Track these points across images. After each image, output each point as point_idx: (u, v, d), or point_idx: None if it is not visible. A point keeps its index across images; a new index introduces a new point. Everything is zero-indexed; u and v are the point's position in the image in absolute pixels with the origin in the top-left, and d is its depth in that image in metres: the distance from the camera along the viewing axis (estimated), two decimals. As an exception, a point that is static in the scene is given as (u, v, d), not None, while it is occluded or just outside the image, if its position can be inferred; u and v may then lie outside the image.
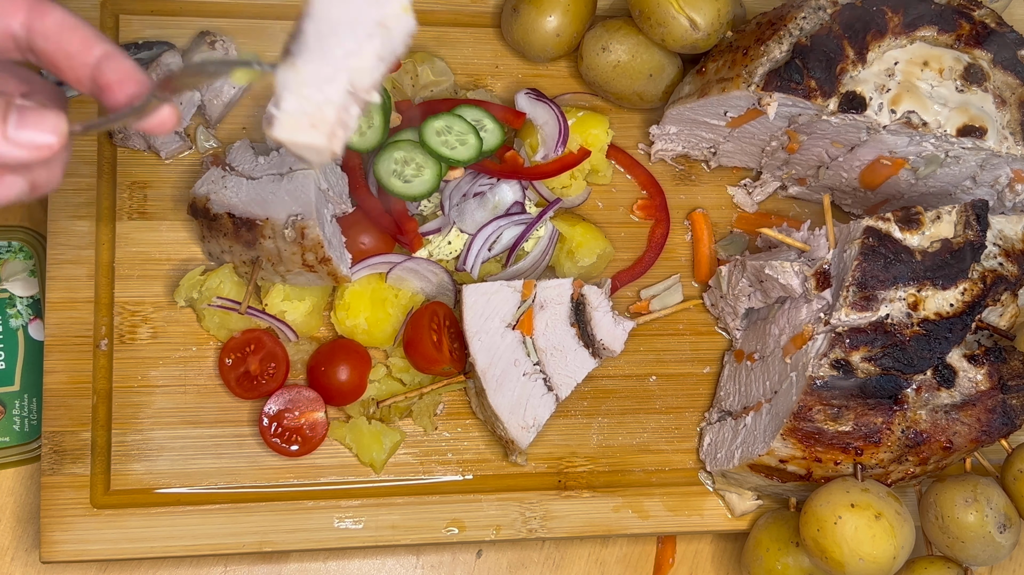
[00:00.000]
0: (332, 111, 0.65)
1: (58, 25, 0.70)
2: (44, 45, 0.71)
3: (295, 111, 0.65)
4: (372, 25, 0.66)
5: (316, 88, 0.65)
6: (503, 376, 0.99)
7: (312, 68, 0.65)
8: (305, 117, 0.65)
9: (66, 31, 0.71)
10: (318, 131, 0.66)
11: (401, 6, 0.67)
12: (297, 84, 0.64)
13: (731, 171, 1.17)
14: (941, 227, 0.97)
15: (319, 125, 0.65)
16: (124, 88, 0.70)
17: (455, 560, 1.06)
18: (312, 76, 0.65)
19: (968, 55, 1.00)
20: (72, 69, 0.71)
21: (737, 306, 1.08)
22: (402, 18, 0.67)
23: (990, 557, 0.98)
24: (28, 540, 1.00)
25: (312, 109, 0.65)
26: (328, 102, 0.65)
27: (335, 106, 0.65)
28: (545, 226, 1.07)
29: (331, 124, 0.66)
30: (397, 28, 0.66)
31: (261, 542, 0.98)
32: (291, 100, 0.65)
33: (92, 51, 0.70)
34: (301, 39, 0.65)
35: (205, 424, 1.00)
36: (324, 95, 0.65)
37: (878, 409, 0.95)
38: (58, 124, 0.66)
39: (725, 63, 1.03)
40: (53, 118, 0.66)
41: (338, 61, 0.65)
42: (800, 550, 0.98)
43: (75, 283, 1.00)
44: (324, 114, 0.65)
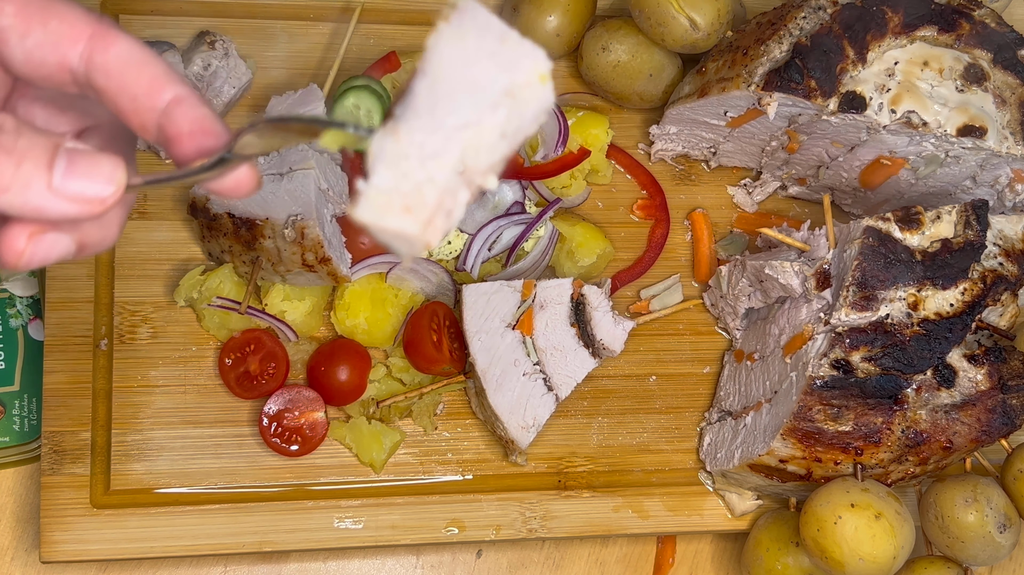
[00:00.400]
0: (434, 193, 0.54)
1: (123, 60, 0.59)
2: (105, 83, 0.59)
3: (388, 189, 0.53)
4: (498, 93, 0.54)
5: (419, 163, 0.54)
6: (503, 376, 0.99)
7: (417, 138, 0.54)
8: (399, 197, 0.54)
9: (132, 67, 0.59)
10: (412, 217, 0.54)
11: (538, 74, 0.55)
12: (395, 155, 0.53)
13: (731, 171, 1.17)
14: (941, 227, 0.96)
15: (415, 209, 0.54)
16: (196, 141, 0.59)
17: (455, 560, 1.05)
18: (416, 148, 0.54)
19: (968, 55, 1.00)
20: (137, 114, 0.59)
21: (737, 306, 1.08)
22: (537, 89, 0.55)
23: (990, 557, 0.98)
24: (28, 540, 1.00)
25: (409, 188, 0.54)
26: (431, 181, 0.54)
27: (438, 188, 0.54)
28: (545, 226, 1.07)
29: (430, 210, 0.54)
30: (529, 100, 0.55)
31: (261, 542, 0.98)
32: (385, 175, 0.53)
33: (161, 94, 0.59)
34: (409, 101, 0.54)
35: (205, 424, 1.00)
36: (427, 172, 0.54)
37: (878, 409, 0.95)
38: (114, 173, 0.56)
39: (725, 63, 1.03)
40: (109, 166, 0.56)
41: (450, 133, 0.54)
42: (800, 550, 0.98)
43: (75, 283, 1.00)
44: (423, 196, 0.54)
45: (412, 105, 0.54)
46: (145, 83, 0.59)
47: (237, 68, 1.04)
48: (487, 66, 0.55)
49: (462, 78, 0.55)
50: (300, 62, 1.09)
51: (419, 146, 0.54)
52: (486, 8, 0.57)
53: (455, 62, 0.55)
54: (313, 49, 1.10)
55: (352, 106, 1.03)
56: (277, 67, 1.09)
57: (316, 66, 1.09)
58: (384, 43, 1.11)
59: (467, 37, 0.55)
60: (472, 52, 0.55)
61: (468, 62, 0.55)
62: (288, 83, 1.08)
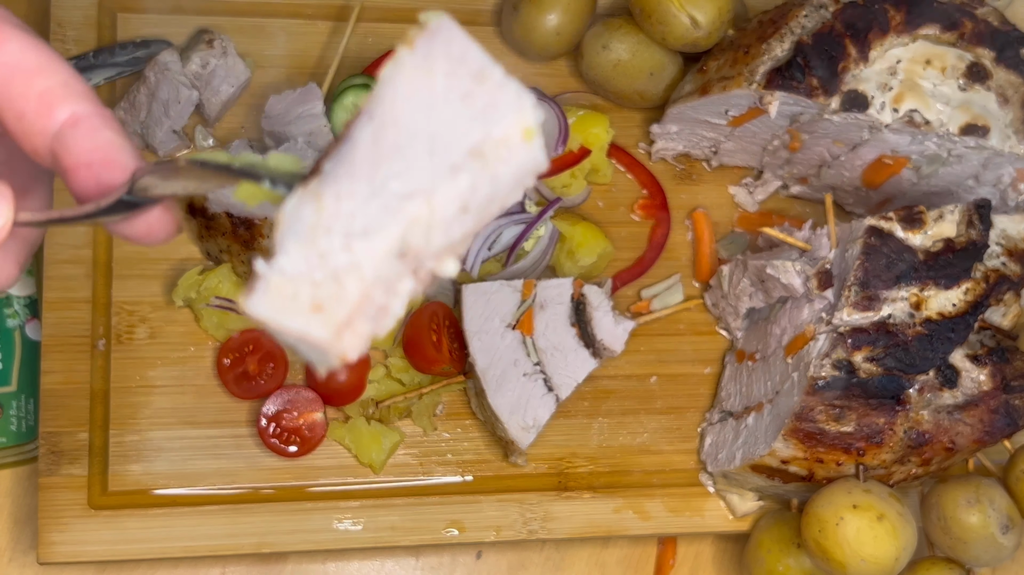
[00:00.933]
0: (357, 286, 0.40)
1: (9, 67, 0.47)
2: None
3: (295, 275, 0.40)
4: (463, 152, 0.41)
5: (342, 242, 0.40)
6: (503, 376, 0.99)
7: (345, 207, 0.40)
8: (308, 288, 0.40)
9: (19, 77, 0.46)
10: (321, 318, 0.40)
11: (522, 128, 0.42)
12: (313, 229, 0.40)
13: (732, 170, 1.17)
14: (944, 226, 0.96)
15: (327, 307, 0.40)
16: (95, 175, 0.46)
17: (455, 561, 1.05)
18: (342, 220, 0.40)
19: (971, 53, 0.99)
20: (26, 137, 0.47)
21: (738, 306, 1.07)
22: (519, 149, 0.42)
23: (993, 558, 0.98)
24: (25, 541, 1.00)
25: (324, 277, 0.40)
26: (355, 269, 0.40)
27: (364, 279, 0.40)
28: (545, 225, 1.06)
29: (349, 308, 0.40)
30: (507, 162, 0.41)
31: (259, 543, 0.97)
32: (294, 255, 0.40)
33: (54, 112, 0.46)
34: (345, 153, 0.40)
35: (203, 425, 1.00)
36: (352, 256, 0.40)
37: (880, 409, 0.95)
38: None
39: (726, 61, 1.03)
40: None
41: (391, 202, 0.40)
42: (801, 551, 0.98)
43: (72, 283, 0.99)
44: (341, 290, 0.40)
45: (347, 159, 0.40)
46: (34, 98, 0.47)
47: (236, 67, 1.04)
48: (455, 113, 0.42)
49: (419, 127, 0.41)
50: (299, 61, 1.09)
51: (347, 218, 0.40)
52: (464, 33, 0.44)
53: (413, 104, 0.41)
54: (312, 48, 1.10)
55: (351, 105, 1.03)
56: (276, 66, 1.08)
57: (315, 65, 1.09)
58: (384, 42, 1.11)
59: (434, 71, 0.42)
60: (438, 92, 0.42)
61: (431, 105, 0.41)
62: (287, 82, 1.07)
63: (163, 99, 1.00)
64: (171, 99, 1.00)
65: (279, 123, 1.01)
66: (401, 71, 0.42)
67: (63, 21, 1.04)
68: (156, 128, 1.01)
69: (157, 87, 1.00)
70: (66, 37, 1.04)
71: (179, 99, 1.01)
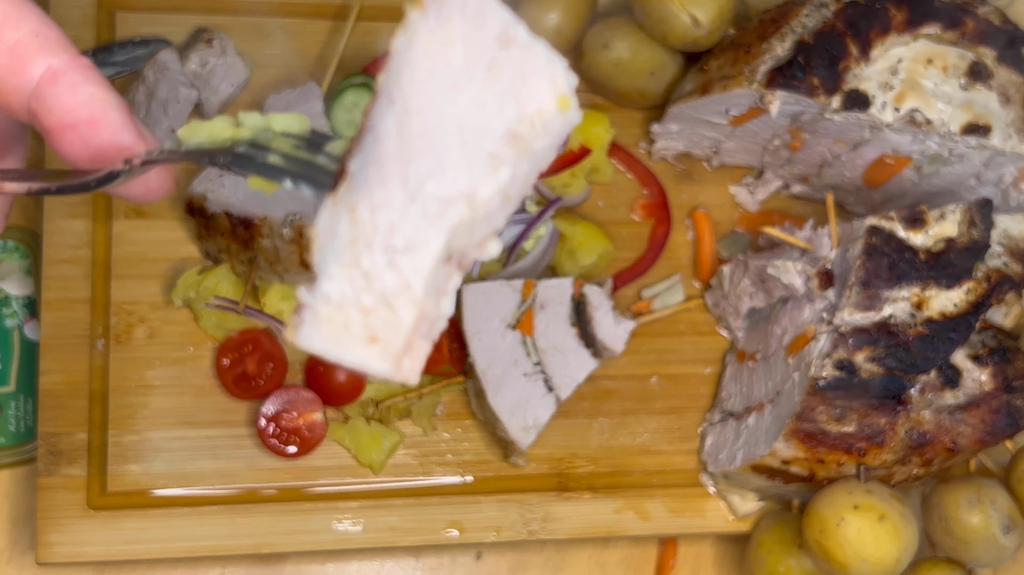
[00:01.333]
0: (411, 309, 0.36)
1: None
2: None
3: (342, 301, 0.37)
4: (501, 137, 0.37)
5: (386, 259, 0.36)
6: (503, 377, 0.99)
7: (383, 218, 0.36)
8: (359, 316, 0.37)
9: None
10: (379, 348, 0.37)
11: (557, 97, 0.38)
12: (351, 245, 0.36)
13: (733, 170, 1.17)
14: (945, 226, 0.96)
15: (383, 336, 0.37)
16: (81, 136, 0.43)
17: (455, 562, 1.05)
18: (381, 234, 0.37)
19: (972, 52, 0.99)
20: (1, 96, 0.43)
21: (739, 306, 1.07)
22: (556, 118, 0.38)
23: (994, 559, 0.97)
24: (24, 542, 1.00)
25: (373, 302, 0.37)
26: (406, 290, 0.37)
27: (417, 299, 0.37)
28: (545, 225, 1.06)
29: (405, 334, 0.37)
30: (545, 134, 0.38)
31: (259, 544, 0.97)
32: (338, 279, 0.37)
33: (29, 66, 0.43)
34: (370, 149, 0.37)
35: (202, 425, 0.99)
36: (399, 276, 0.37)
37: (882, 410, 0.95)
38: None
39: (727, 60, 1.02)
40: None
41: (432, 208, 0.37)
42: (803, 552, 0.97)
43: (71, 283, 0.99)
44: (395, 315, 0.37)
45: (374, 157, 0.37)
46: (4, 53, 0.43)
47: (235, 66, 1.03)
48: (482, 89, 0.37)
49: (445, 112, 0.37)
50: (298, 59, 1.09)
51: (386, 231, 0.37)
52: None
53: (435, 84, 0.37)
54: (311, 46, 1.09)
55: (351, 104, 1.03)
56: (275, 65, 1.08)
57: (314, 64, 1.09)
58: (383, 40, 1.11)
59: (452, 37, 0.37)
60: (460, 64, 0.37)
61: (455, 84, 0.37)
62: (286, 80, 1.07)
63: (162, 98, 1.00)
64: (170, 98, 1.00)
65: (278, 122, 1.00)
66: (415, 40, 0.37)
67: (62, 19, 1.04)
68: (155, 127, 1.01)
69: (156, 86, 1.00)
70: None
71: (178, 98, 1.01)
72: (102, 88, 0.44)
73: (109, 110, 0.44)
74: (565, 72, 0.39)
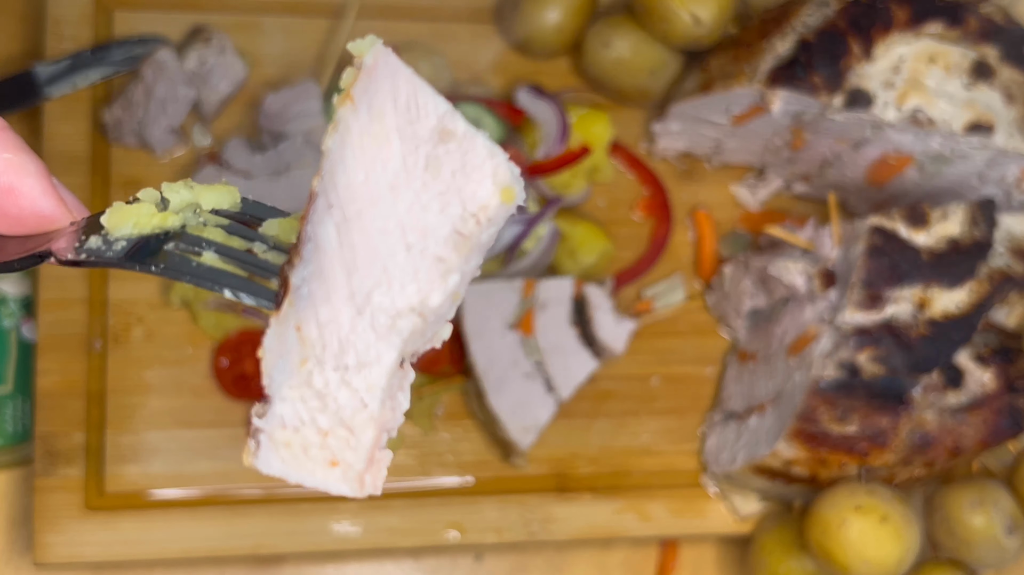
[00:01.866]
0: (367, 427, 0.35)
1: None
2: None
3: (297, 425, 0.35)
4: (442, 241, 0.36)
5: (338, 378, 0.35)
6: (503, 377, 0.98)
7: (331, 336, 0.35)
8: (316, 438, 0.35)
9: None
10: (340, 471, 0.36)
11: (500, 191, 0.37)
12: (300, 361, 0.35)
13: (734, 169, 1.16)
14: (948, 226, 0.95)
15: (343, 458, 0.36)
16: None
17: (454, 564, 1.04)
18: (329, 349, 0.35)
19: (975, 51, 0.98)
20: None
21: (740, 306, 1.07)
22: (498, 212, 0.38)
23: (998, 560, 0.97)
24: (21, 543, 0.99)
25: (330, 424, 0.35)
26: (362, 409, 0.35)
27: (374, 416, 0.35)
28: (545, 225, 1.05)
29: (366, 453, 0.36)
30: (487, 229, 0.37)
31: (257, 545, 0.96)
32: (290, 398, 0.36)
33: None
34: (313, 260, 0.36)
35: (200, 426, 0.99)
36: (354, 395, 0.35)
37: (884, 410, 0.94)
38: None
39: (728, 59, 1.02)
40: None
41: (382, 321, 0.35)
42: (804, 554, 0.97)
43: (68, 282, 0.99)
44: (353, 435, 0.35)
45: (316, 270, 0.35)
46: None
47: (233, 64, 1.03)
48: (422, 189, 0.36)
49: (387, 218, 0.35)
50: (297, 58, 1.08)
51: (337, 350, 0.35)
52: (406, 67, 0.38)
53: (374, 186, 0.35)
54: (310, 45, 1.09)
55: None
56: (273, 63, 1.08)
57: (313, 62, 1.08)
58: (382, 39, 1.10)
59: (387, 135, 0.36)
60: (397, 164, 0.36)
61: (394, 186, 0.35)
62: (284, 79, 1.07)
63: (160, 97, 0.99)
64: (168, 97, 1.00)
65: (277, 121, 1.00)
66: (348, 138, 0.36)
67: (60, 18, 1.03)
68: (153, 126, 1.00)
69: (154, 85, 1.00)
70: (63, 34, 1.03)
71: (176, 97, 1.00)
72: (18, 152, 0.42)
73: (26, 176, 0.42)
74: (507, 163, 0.37)
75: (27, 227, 0.42)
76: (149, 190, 0.42)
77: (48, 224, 0.42)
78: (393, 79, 0.37)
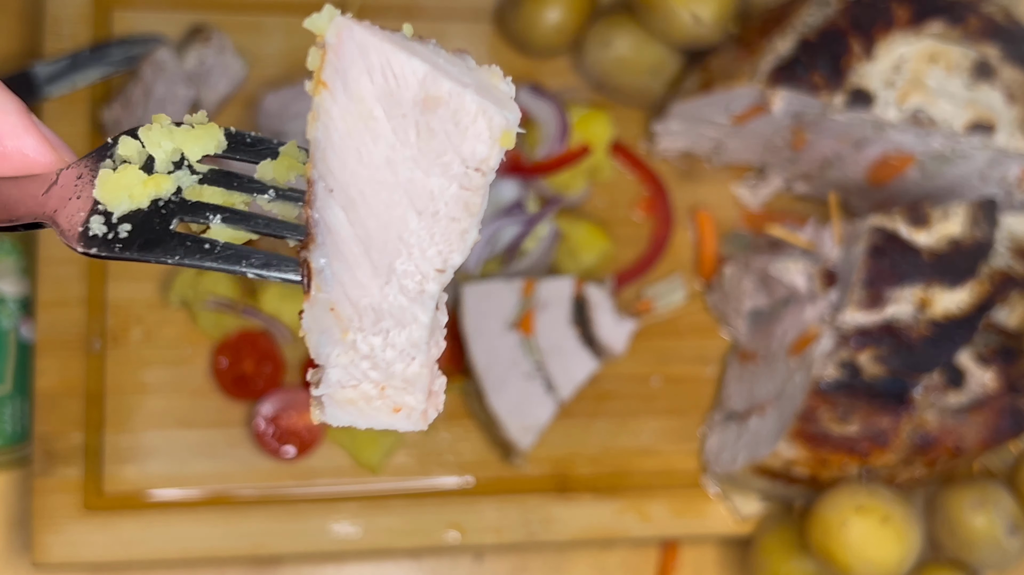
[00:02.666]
0: (419, 370, 0.38)
1: None
2: None
3: (354, 381, 0.38)
4: (450, 199, 0.36)
5: (378, 339, 0.37)
6: (503, 377, 0.98)
7: (364, 304, 0.37)
8: (373, 388, 0.38)
9: None
10: (404, 414, 0.38)
11: (498, 138, 0.36)
12: (342, 331, 0.37)
13: (735, 168, 1.16)
14: (949, 225, 0.95)
15: (404, 405, 0.38)
16: None
17: (454, 564, 1.04)
18: (366, 318, 0.37)
19: (976, 50, 0.98)
20: None
21: (741, 306, 1.06)
22: (499, 153, 0.37)
23: (999, 561, 0.97)
24: (20, 544, 0.99)
25: (383, 375, 0.38)
26: (406, 357, 0.38)
27: (422, 359, 0.38)
28: (546, 225, 1.05)
29: (423, 392, 0.38)
30: (492, 171, 0.36)
31: (256, 546, 0.96)
32: (342, 361, 0.38)
33: None
34: (325, 244, 0.36)
35: (199, 426, 0.99)
36: (395, 351, 0.37)
37: (885, 411, 0.94)
38: None
39: (729, 58, 1.02)
40: None
41: (409, 283, 0.37)
42: (805, 554, 0.97)
43: (67, 283, 0.98)
44: (407, 383, 0.38)
45: (336, 250, 0.36)
46: None
47: (232, 64, 1.03)
48: (421, 154, 0.35)
49: (390, 187, 0.35)
50: (296, 58, 1.08)
51: (372, 318, 0.37)
52: (372, 32, 0.37)
53: (368, 161, 0.35)
54: (309, 44, 1.08)
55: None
56: (273, 62, 1.07)
57: (313, 62, 1.08)
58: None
59: (371, 111, 0.35)
60: (388, 136, 0.35)
61: (390, 160, 0.35)
62: (284, 78, 1.06)
63: (159, 96, 0.99)
64: (167, 96, 0.99)
65: (276, 120, 1.00)
66: (332, 124, 0.35)
67: (59, 17, 1.03)
68: (152, 126, 1.00)
69: (153, 84, 0.99)
70: (62, 34, 1.03)
71: (175, 96, 1.00)
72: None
73: (6, 115, 0.41)
74: (498, 111, 0.36)
75: (12, 167, 0.41)
76: (127, 140, 0.41)
77: (33, 164, 0.41)
78: (363, 52, 0.36)
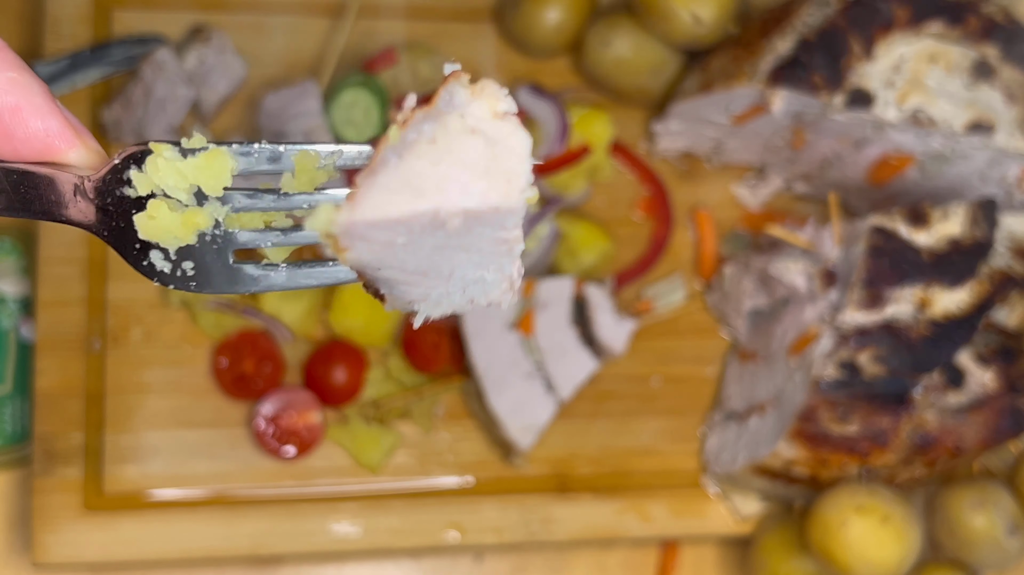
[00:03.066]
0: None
1: None
2: None
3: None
4: (491, 248, 0.42)
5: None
6: (503, 377, 0.98)
7: (433, 295, 0.44)
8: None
9: None
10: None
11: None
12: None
13: (735, 168, 1.16)
14: (949, 225, 0.95)
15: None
16: (4, 126, 0.40)
17: (454, 564, 1.04)
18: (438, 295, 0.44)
19: (976, 50, 0.98)
20: None
21: (741, 306, 1.06)
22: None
23: (999, 561, 0.97)
24: (20, 544, 0.99)
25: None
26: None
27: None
28: (546, 225, 1.05)
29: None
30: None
31: (256, 546, 0.96)
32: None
33: None
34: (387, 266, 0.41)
35: (199, 426, 0.99)
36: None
37: (885, 411, 0.94)
38: None
39: (729, 58, 1.02)
40: None
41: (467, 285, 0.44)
42: (805, 554, 0.97)
43: (67, 282, 0.98)
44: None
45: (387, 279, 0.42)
46: None
47: (232, 64, 1.03)
48: (462, 249, 0.41)
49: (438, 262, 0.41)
50: (296, 57, 1.08)
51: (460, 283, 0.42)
52: (375, 206, 0.40)
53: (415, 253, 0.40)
54: (310, 44, 1.09)
55: (350, 103, 1.02)
56: (273, 62, 1.07)
57: (313, 61, 1.08)
58: (382, 38, 1.10)
59: (392, 237, 0.39)
60: (411, 249, 0.40)
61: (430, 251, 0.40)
62: (284, 79, 1.06)
63: (159, 96, 0.99)
64: (167, 96, 0.99)
65: (276, 120, 1.00)
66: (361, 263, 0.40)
67: (59, 17, 1.03)
68: (152, 126, 1.00)
69: (153, 85, 0.99)
70: (62, 33, 1.03)
71: (175, 97, 1.00)
72: (22, 72, 0.41)
73: (32, 96, 0.41)
74: (517, 193, 0.40)
75: (33, 150, 0.41)
76: (140, 176, 0.42)
77: (54, 149, 0.41)
78: (367, 234, 0.39)
